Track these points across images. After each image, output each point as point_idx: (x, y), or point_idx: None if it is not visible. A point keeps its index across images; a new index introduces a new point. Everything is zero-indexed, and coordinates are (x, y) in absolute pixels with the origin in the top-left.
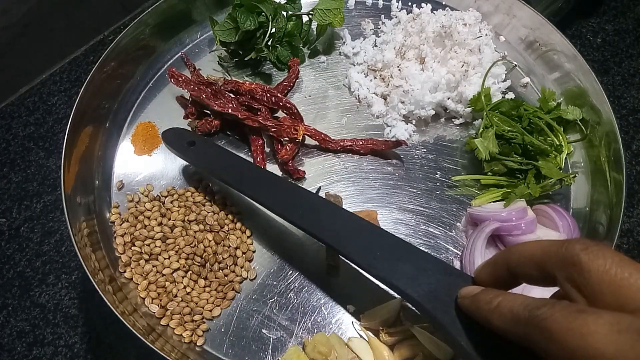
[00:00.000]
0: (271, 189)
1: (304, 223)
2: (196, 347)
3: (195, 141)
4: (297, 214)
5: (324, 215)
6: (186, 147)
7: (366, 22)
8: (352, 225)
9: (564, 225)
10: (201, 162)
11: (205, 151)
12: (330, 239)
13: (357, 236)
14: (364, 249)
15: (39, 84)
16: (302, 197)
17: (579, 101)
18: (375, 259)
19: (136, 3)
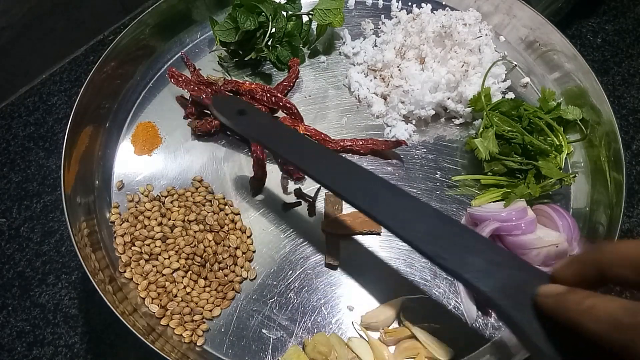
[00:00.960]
0: (325, 163)
1: (361, 202)
2: (196, 347)
3: (246, 110)
4: (352, 192)
5: (385, 197)
6: (236, 115)
7: (366, 22)
8: (416, 209)
9: (564, 225)
10: (250, 131)
11: (255, 121)
12: (392, 222)
13: (421, 221)
14: (428, 236)
15: (39, 84)
16: (359, 175)
17: (579, 101)
18: (442, 248)
19: (136, 3)
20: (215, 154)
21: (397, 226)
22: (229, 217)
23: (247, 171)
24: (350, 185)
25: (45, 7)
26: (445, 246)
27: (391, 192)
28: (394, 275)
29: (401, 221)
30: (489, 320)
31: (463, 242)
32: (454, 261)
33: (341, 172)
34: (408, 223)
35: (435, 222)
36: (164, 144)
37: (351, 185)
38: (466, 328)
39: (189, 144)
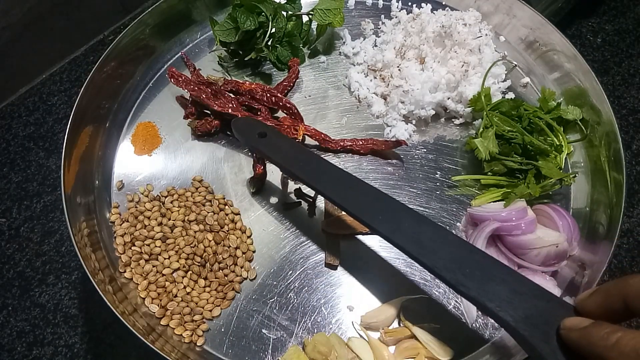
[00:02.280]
0: (347, 189)
1: (383, 229)
2: (196, 347)
3: (267, 133)
4: (376, 219)
5: (406, 223)
6: (257, 138)
7: (366, 22)
8: (439, 236)
9: (564, 225)
10: (271, 154)
11: (276, 144)
12: (415, 250)
13: (443, 248)
14: (451, 264)
15: (39, 84)
16: (382, 202)
17: (579, 101)
18: (464, 276)
19: (136, 3)
20: (215, 154)
21: (419, 252)
22: (229, 217)
23: (247, 171)
24: (373, 211)
25: (45, 7)
26: (467, 274)
27: (414, 219)
28: (394, 275)
29: (423, 248)
30: (489, 320)
31: (486, 271)
32: (477, 290)
33: (364, 197)
34: (430, 250)
35: (457, 249)
36: (164, 144)
37: (374, 211)
38: (466, 328)
39: (189, 144)
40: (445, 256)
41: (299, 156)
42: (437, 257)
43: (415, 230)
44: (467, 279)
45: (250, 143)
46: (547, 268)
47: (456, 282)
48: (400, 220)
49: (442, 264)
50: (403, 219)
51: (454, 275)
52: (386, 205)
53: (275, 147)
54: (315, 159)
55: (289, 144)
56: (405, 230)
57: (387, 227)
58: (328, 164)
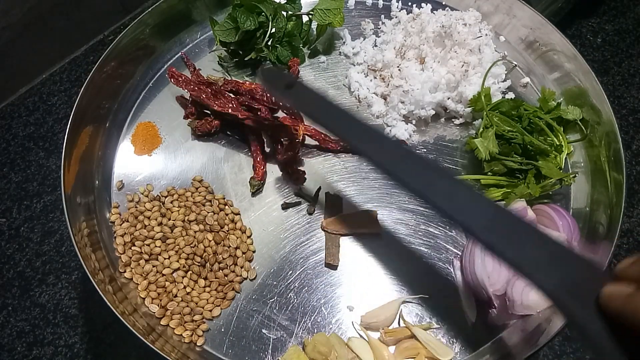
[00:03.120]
0: (374, 141)
1: (415, 184)
2: (196, 347)
3: (294, 84)
4: (405, 172)
5: (441, 181)
6: (284, 89)
7: (366, 22)
8: (473, 198)
9: (564, 225)
10: (299, 104)
11: (303, 95)
12: (449, 207)
13: (480, 210)
14: (488, 226)
15: (39, 84)
16: (415, 159)
17: (579, 101)
18: (501, 238)
19: (136, 3)
20: (215, 154)
21: (452, 211)
22: (229, 217)
23: (247, 171)
24: (405, 168)
25: (45, 7)
26: (504, 237)
27: (449, 179)
28: (394, 275)
29: (460, 208)
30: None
31: (523, 234)
32: (513, 253)
33: (395, 152)
34: (466, 210)
35: (494, 212)
36: (164, 144)
37: (406, 168)
38: (466, 328)
39: (189, 144)
40: (482, 218)
41: (326, 108)
42: (474, 218)
43: (451, 191)
44: (505, 242)
45: (277, 93)
46: None
47: (492, 244)
48: (435, 180)
49: (480, 225)
50: (438, 178)
51: (492, 238)
52: (419, 162)
53: (303, 98)
54: (342, 112)
55: (315, 95)
56: (440, 189)
57: (419, 183)
58: (354, 117)
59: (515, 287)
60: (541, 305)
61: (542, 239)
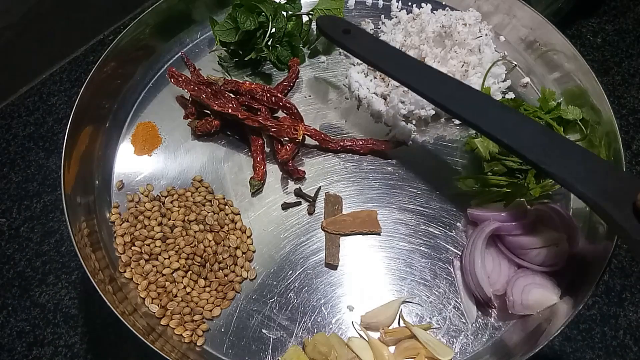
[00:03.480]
0: (431, 80)
1: (469, 116)
2: (196, 347)
3: (350, 29)
4: (459, 106)
5: (490, 110)
6: (341, 34)
7: (366, 22)
8: (521, 122)
9: (564, 225)
10: (356, 49)
11: (359, 39)
12: (499, 133)
13: (526, 132)
14: (533, 144)
15: (39, 84)
16: (468, 92)
17: (579, 101)
18: (546, 155)
19: (136, 3)
20: (215, 154)
21: (503, 135)
22: (229, 217)
23: (247, 171)
24: (458, 101)
25: (45, 7)
26: (549, 154)
27: (498, 107)
28: (394, 275)
29: (507, 131)
30: (489, 320)
31: (565, 150)
32: (557, 167)
33: (449, 89)
34: (513, 133)
35: (539, 132)
36: (164, 144)
37: (459, 101)
38: (466, 328)
39: (189, 144)
40: (527, 138)
41: (382, 51)
42: (520, 139)
43: (500, 116)
44: (548, 158)
45: (335, 39)
46: (547, 268)
47: (538, 161)
48: (486, 109)
49: (525, 144)
50: (488, 107)
51: (536, 154)
52: (471, 95)
53: (359, 42)
54: (397, 53)
55: (371, 39)
56: (490, 117)
57: (472, 114)
58: (411, 58)
59: (515, 287)
60: (541, 305)
61: (584, 154)
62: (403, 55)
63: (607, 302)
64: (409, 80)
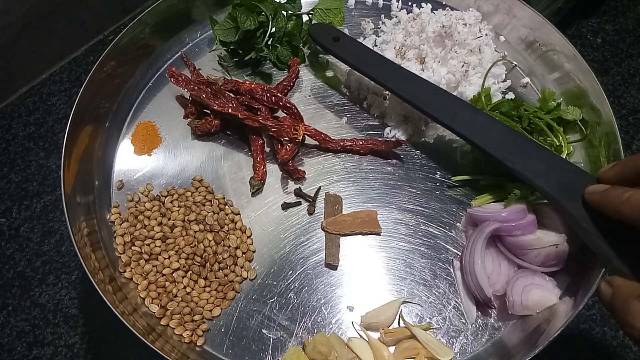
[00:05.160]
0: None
1: (443, 118)
2: (196, 347)
3: (340, 37)
4: (436, 109)
5: (462, 113)
6: (331, 41)
7: (366, 22)
8: (488, 123)
9: (564, 226)
10: (345, 57)
11: (349, 47)
12: (468, 133)
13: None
14: (499, 144)
15: (39, 84)
16: (442, 96)
17: (579, 101)
18: (510, 154)
19: (136, 3)
20: (215, 154)
21: (472, 136)
22: (229, 217)
23: (247, 171)
24: (434, 104)
25: (45, 7)
26: (512, 152)
27: (469, 109)
28: (394, 275)
29: (476, 132)
30: (489, 320)
31: (527, 150)
32: (520, 164)
33: (426, 93)
34: (482, 134)
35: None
36: (163, 143)
37: (435, 104)
38: (466, 328)
39: (188, 143)
40: (494, 138)
41: (370, 58)
42: (487, 139)
43: (470, 119)
44: (512, 156)
45: (326, 46)
46: (547, 268)
47: (503, 159)
48: (458, 112)
49: (492, 144)
50: (459, 110)
51: (502, 153)
52: (448, 100)
53: (348, 50)
54: (384, 61)
55: (360, 47)
56: (461, 119)
57: (447, 117)
58: (397, 66)
59: (515, 287)
60: (541, 305)
61: (544, 152)
62: (387, 62)
63: None
64: (392, 86)
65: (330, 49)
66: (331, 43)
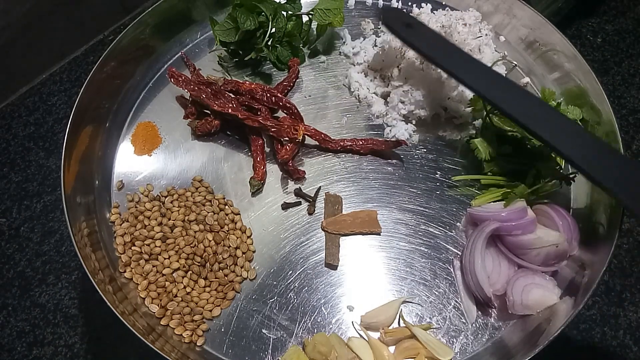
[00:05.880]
0: (487, 80)
1: (518, 114)
2: (196, 347)
3: (413, 23)
4: (508, 104)
5: (537, 110)
6: (404, 28)
7: (366, 22)
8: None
9: (564, 225)
10: (417, 44)
11: (422, 34)
12: (550, 138)
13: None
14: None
15: (39, 84)
16: (514, 90)
17: (579, 101)
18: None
19: (136, 3)
20: (215, 154)
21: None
22: (229, 217)
23: (247, 171)
24: (505, 98)
25: (45, 7)
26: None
27: (545, 109)
28: (394, 275)
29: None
30: (489, 320)
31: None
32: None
33: (498, 85)
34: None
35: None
36: (164, 143)
37: (507, 98)
38: (466, 328)
39: (188, 144)
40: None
41: (442, 47)
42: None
43: (549, 120)
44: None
45: (398, 33)
46: (547, 268)
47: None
48: (534, 112)
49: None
50: (535, 107)
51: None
52: (521, 95)
53: (421, 37)
54: (457, 50)
55: (433, 35)
56: (540, 119)
57: (521, 113)
58: (469, 56)
59: (515, 286)
60: (541, 305)
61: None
62: (462, 53)
63: (607, 302)
64: (466, 79)
65: (402, 34)
66: (403, 29)
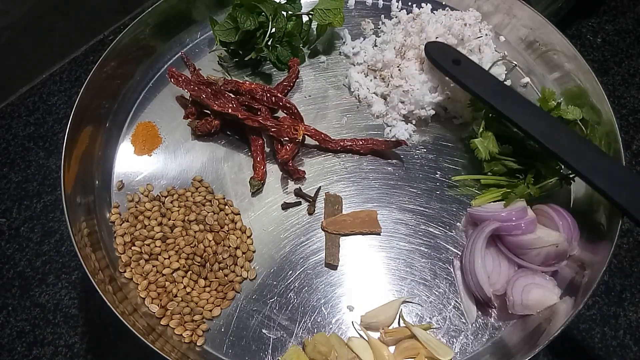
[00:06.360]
0: (539, 121)
1: (564, 155)
2: (196, 347)
3: (461, 60)
4: (555, 144)
5: (584, 151)
6: (451, 64)
7: (366, 22)
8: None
9: (564, 225)
10: (465, 81)
11: (469, 72)
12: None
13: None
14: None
15: (39, 84)
16: (560, 130)
17: (579, 101)
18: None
19: (136, 3)
20: (215, 154)
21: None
22: (229, 217)
23: (247, 171)
24: (560, 140)
25: (45, 7)
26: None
27: (594, 151)
28: (394, 275)
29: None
30: (489, 320)
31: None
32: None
33: (549, 125)
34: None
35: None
36: (164, 144)
37: (561, 140)
38: (466, 328)
39: (189, 144)
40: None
41: (491, 85)
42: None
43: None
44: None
45: (445, 69)
46: (547, 268)
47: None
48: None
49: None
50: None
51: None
52: (567, 135)
53: (469, 74)
54: (505, 88)
55: (481, 72)
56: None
57: (567, 153)
58: (516, 94)
59: (515, 286)
60: (541, 305)
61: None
62: (512, 92)
63: (607, 302)
64: (517, 120)
65: (449, 71)
66: (450, 65)
